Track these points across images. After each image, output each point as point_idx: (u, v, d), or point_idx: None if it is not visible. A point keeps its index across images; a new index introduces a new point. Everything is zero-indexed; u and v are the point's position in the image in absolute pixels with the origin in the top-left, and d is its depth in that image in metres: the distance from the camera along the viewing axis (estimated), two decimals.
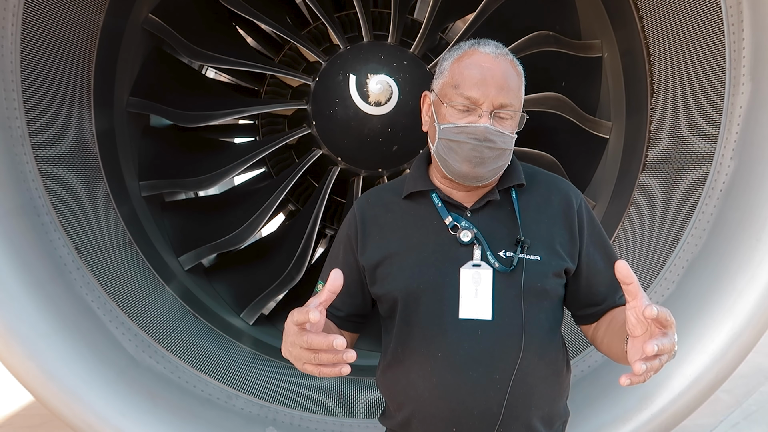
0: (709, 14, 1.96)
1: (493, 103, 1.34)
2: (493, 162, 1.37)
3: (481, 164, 1.36)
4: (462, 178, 1.39)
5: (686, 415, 1.89)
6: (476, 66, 1.36)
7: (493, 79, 1.34)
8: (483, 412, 1.35)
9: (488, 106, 1.34)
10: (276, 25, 2.52)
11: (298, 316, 1.16)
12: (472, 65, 1.37)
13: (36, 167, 1.95)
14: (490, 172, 1.38)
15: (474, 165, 1.35)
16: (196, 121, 2.57)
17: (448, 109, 1.37)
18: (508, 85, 1.36)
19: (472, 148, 1.34)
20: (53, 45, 2.05)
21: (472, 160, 1.35)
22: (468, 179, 1.39)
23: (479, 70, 1.35)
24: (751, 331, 1.81)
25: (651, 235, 2.16)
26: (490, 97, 1.34)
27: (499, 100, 1.34)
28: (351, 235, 1.49)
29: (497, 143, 1.35)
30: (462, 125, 1.35)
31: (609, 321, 1.47)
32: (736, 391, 4.37)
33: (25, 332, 1.76)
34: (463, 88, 1.35)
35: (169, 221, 2.67)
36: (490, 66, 1.36)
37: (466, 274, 1.37)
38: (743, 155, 1.89)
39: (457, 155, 1.36)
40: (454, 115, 1.36)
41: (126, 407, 1.86)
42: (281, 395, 2.20)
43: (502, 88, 1.35)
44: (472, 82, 1.35)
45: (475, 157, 1.35)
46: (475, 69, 1.36)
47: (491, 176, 1.40)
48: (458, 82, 1.37)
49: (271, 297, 2.59)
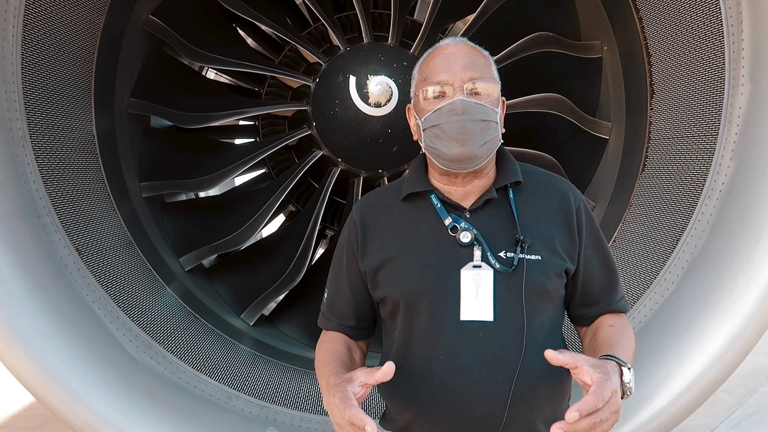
0: (708, 15, 1.96)
1: (462, 78, 1.37)
2: (480, 136, 1.36)
3: (469, 140, 1.35)
4: (456, 162, 1.38)
5: (686, 415, 1.89)
6: (439, 55, 1.42)
7: (457, 60, 1.39)
8: (486, 414, 1.34)
9: (459, 83, 1.37)
10: (276, 26, 2.53)
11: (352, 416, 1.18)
12: (435, 56, 1.42)
13: (37, 168, 1.95)
14: (481, 149, 1.37)
15: (462, 143, 1.36)
16: (197, 122, 2.58)
17: (425, 101, 1.41)
18: (473, 62, 1.39)
19: (455, 125, 1.35)
20: (54, 46, 2.06)
21: (458, 138, 1.36)
22: (462, 161, 1.38)
23: (442, 57, 1.41)
24: (751, 331, 1.81)
25: (651, 235, 2.17)
26: (459, 74, 1.37)
27: (467, 75, 1.37)
28: (352, 241, 1.49)
29: (476, 114, 1.36)
30: (439, 107, 1.37)
31: (593, 334, 1.48)
32: (737, 391, 4.37)
33: (26, 333, 1.76)
34: (432, 76, 1.40)
35: (169, 222, 2.67)
36: (453, 51, 1.41)
37: (466, 276, 1.37)
38: (743, 156, 1.89)
39: (443, 140, 1.37)
40: (431, 104, 1.40)
41: (126, 408, 1.86)
42: (281, 396, 2.20)
43: (468, 66, 1.38)
44: (438, 69, 1.40)
45: (459, 133, 1.35)
46: (439, 57, 1.41)
47: (483, 153, 1.38)
48: (426, 74, 1.42)
49: (272, 298, 2.59)
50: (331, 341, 1.52)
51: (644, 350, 1.95)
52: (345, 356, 1.47)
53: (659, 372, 1.89)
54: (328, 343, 1.52)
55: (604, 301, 1.49)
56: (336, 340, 1.53)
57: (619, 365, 1.27)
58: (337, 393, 1.24)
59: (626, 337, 1.43)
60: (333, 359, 1.43)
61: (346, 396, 1.21)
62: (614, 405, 1.17)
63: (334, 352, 1.47)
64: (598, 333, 1.46)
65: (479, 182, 1.44)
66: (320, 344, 1.54)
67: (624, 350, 1.35)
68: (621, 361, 1.28)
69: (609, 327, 1.46)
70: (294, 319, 2.69)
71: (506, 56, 2.50)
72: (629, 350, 1.38)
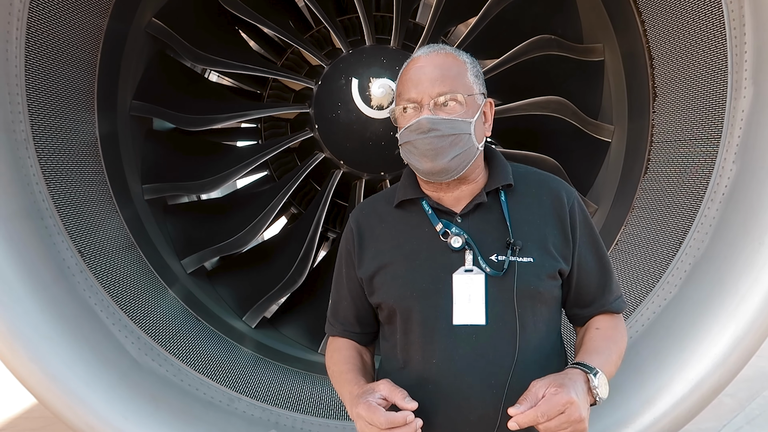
0: (710, 18, 1.96)
1: (430, 94, 1.37)
2: (450, 150, 1.37)
3: (438, 155, 1.36)
4: (431, 176, 1.40)
5: (689, 419, 1.88)
6: (410, 70, 1.42)
7: (426, 74, 1.39)
8: (480, 417, 1.35)
9: (427, 99, 1.38)
10: (279, 29, 2.53)
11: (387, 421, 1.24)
12: (407, 71, 1.43)
13: (40, 170, 1.96)
14: (453, 162, 1.38)
15: (431, 158, 1.37)
16: (199, 125, 2.58)
17: (400, 116, 1.43)
18: (443, 75, 1.39)
19: (423, 142, 1.37)
20: (57, 49, 2.06)
21: (427, 154, 1.37)
22: (436, 175, 1.40)
23: (413, 72, 1.41)
24: (754, 334, 1.81)
25: (653, 238, 2.16)
26: (426, 90, 1.38)
27: (435, 90, 1.37)
28: (349, 249, 1.51)
29: (444, 130, 1.36)
30: (407, 125, 1.39)
31: (581, 337, 1.49)
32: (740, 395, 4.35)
33: (28, 334, 1.76)
34: (404, 92, 1.42)
35: (171, 224, 2.68)
36: (422, 64, 1.41)
37: (458, 280, 1.38)
38: (745, 159, 1.89)
39: (414, 155, 1.40)
40: (403, 120, 1.42)
41: (128, 410, 1.86)
42: (283, 398, 2.20)
43: (437, 80, 1.38)
44: (408, 85, 1.41)
45: (428, 150, 1.37)
46: (410, 72, 1.42)
47: (458, 166, 1.39)
48: (400, 90, 1.44)
49: (274, 300, 2.59)
50: (341, 348, 1.55)
51: (647, 353, 1.95)
52: (358, 361, 1.50)
53: (662, 375, 1.88)
54: (339, 351, 1.54)
55: (598, 301, 1.49)
56: (345, 346, 1.55)
57: (584, 372, 1.30)
58: (360, 404, 1.28)
59: (610, 340, 1.44)
60: (348, 368, 1.47)
61: (371, 405, 1.26)
62: (571, 415, 1.20)
63: (347, 359, 1.50)
64: (584, 337, 1.47)
65: (467, 187, 1.45)
66: (331, 352, 1.56)
67: (601, 355, 1.37)
68: (587, 368, 1.31)
69: (595, 330, 1.47)
70: (296, 322, 2.69)
71: (508, 59, 2.50)
72: (611, 354, 1.40)
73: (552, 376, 1.29)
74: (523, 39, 2.52)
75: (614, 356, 1.40)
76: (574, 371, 1.30)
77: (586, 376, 1.29)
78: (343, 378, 1.45)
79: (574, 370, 1.31)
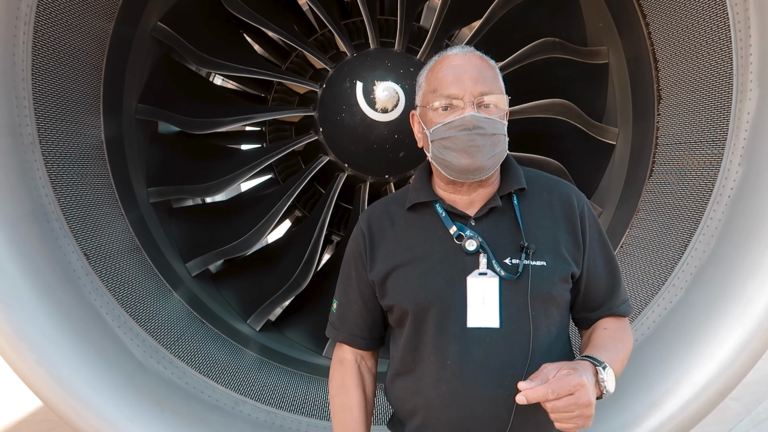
0: (716, 20, 1.96)
1: (473, 93, 1.38)
2: (490, 149, 1.38)
3: (478, 153, 1.37)
4: (464, 173, 1.40)
5: (695, 422, 1.88)
6: (448, 67, 1.42)
7: (467, 73, 1.39)
8: (493, 419, 1.36)
9: (469, 97, 1.38)
10: (283, 32, 2.54)
11: None
12: (444, 67, 1.43)
13: (46, 174, 1.97)
14: (489, 161, 1.39)
15: (471, 155, 1.37)
16: (204, 128, 2.59)
17: (434, 112, 1.41)
18: (482, 75, 1.40)
19: (465, 139, 1.36)
20: (64, 53, 2.07)
21: (468, 151, 1.37)
22: (470, 173, 1.39)
23: (452, 69, 1.41)
24: (761, 337, 1.80)
25: (659, 241, 2.16)
26: (469, 89, 1.38)
27: (477, 89, 1.38)
28: (360, 251, 1.51)
29: (487, 129, 1.37)
30: (449, 121, 1.38)
31: (587, 337, 1.49)
32: (746, 398, 4.33)
33: (34, 337, 1.77)
34: (442, 89, 1.40)
35: (176, 227, 2.68)
36: (461, 63, 1.41)
37: (473, 283, 1.38)
38: (751, 161, 1.88)
39: (452, 151, 1.38)
40: (440, 116, 1.40)
41: (134, 412, 1.86)
42: (288, 401, 2.20)
43: (478, 79, 1.39)
44: (448, 81, 1.40)
45: (469, 146, 1.37)
46: (448, 69, 1.42)
47: (491, 165, 1.40)
48: (435, 86, 1.42)
49: (278, 303, 2.59)
50: (346, 385, 1.54)
51: (653, 357, 1.94)
52: (361, 411, 1.51)
53: (668, 379, 1.87)
54: (343, 389, 1.54)
55: (606, 305, 1.50)
56: (351, 384, 1.53)
57: (594, 365, 1.30)
58: None
59: (617, 341, 1.44)
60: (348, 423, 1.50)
61: None
62: (581, 398, 1.20)
63: (350, 407, 1.51)
64: (591, 336, 1.47)
65: (483, 191, 1.46)
66: (336, 390, 1.55)
67: (609, 352, 1.37)
68: (596, 361, 1.31)
69: (602, 330, 1.47)
70: (300, 325, 2.69)
71: (513, 62, 2.50)
72: (618, 353, 1.40)
73: (563, 362, 1.29)
74: (528, 42, 2.52)
75: (621, 355, 1.41)
76: (583, 362, 1.31)
77: (594, 368, 1.29)
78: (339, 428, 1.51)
79: (584, 361, 1.31)
